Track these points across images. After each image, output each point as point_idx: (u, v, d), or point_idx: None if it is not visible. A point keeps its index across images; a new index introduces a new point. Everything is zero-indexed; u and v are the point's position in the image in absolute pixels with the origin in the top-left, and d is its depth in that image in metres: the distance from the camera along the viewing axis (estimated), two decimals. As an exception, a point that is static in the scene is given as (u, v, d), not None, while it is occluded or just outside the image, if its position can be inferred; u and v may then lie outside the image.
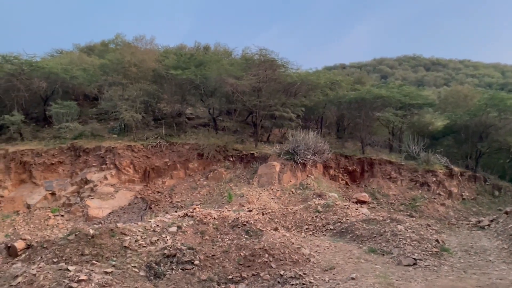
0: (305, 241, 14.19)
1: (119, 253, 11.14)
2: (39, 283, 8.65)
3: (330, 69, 76.47)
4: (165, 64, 27.60)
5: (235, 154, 24.79)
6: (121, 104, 24.94)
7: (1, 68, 25.44)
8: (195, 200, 21.17)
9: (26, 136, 25.71)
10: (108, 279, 8.93)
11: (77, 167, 23.73)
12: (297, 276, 10.03)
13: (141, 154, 24.34)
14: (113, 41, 41.18)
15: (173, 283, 9.68)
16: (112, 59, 29.40)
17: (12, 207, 21.07)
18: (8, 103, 26.06)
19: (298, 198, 20.49)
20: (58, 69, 27.12)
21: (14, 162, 23.24)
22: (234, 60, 30.47)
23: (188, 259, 10.60)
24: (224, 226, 13.37)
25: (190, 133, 26.96)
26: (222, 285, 9.78)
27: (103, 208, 20.70)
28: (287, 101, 26.81)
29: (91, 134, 25.46)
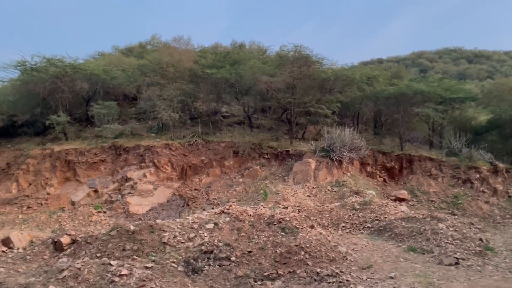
0: (342, 239, 14.02)
1: (158, 248, 11.45)
2: (83, 276, 9.04)
3: (366, 64, 74.92)
4: (201, 63, 28.02)
5: (270, 152, 24.83)
6: (159, 104, 25.57)
7: (47, 71, 26.68)
8: (231, 197, 21.38)
9: (70, 136, 26.88)
10: (148, 273, 9.21)
11: (118, 165, 24.55)
12: (334, 274, 9.94)
13: (179, 152, 24.85)
14: (150, 42, 42.26)
15: (211, 278, 9.85)
16: (151, 60, 30.17)
17: (58, 204, 22.09)
18: (53, 104, 27.31)
19: (334, 196, 20.25)
20: (99, 70, 28.14)
21: (60, 161, 24.37)
22: (268, 58, 30.47)
23: (225, 255, 10.74)
24: (260, 223, 13.44)
25: (225, 131, 27.24)
26: (258, 281, 9.84)
27: (142, 205, 21.31)
28: (322, 98, 26.53)
29: (131, 133, 26.29)
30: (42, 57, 27.40)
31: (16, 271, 11.38)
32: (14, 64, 27.17)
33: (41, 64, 27.29)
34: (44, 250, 12.91)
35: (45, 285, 8.65)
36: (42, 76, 26.31)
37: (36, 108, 27.54)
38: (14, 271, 11.43)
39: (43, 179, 23.68)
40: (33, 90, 26.72)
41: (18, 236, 14.29)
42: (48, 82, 26.42)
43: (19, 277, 10.37)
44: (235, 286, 9.53)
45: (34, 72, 26.87)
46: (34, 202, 22.01)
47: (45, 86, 26.48)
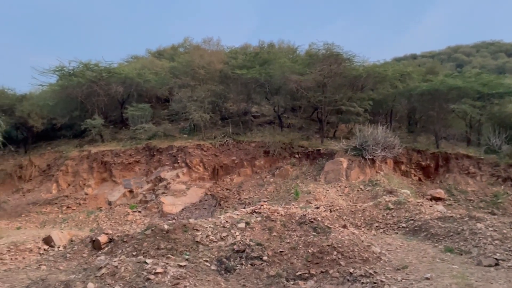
0: (376, 239, 13.76)
1: (192, 247, 11.63)
2: (120, 274, 9.32)
3: (399, 60, 73.06)
4: (231, 64, 28.25)
5: (301, 151, 24.72)
6: (190, 105, 25.99)
7: (83, 76, 27.69)
8: (262, 196, 21.44)
9: (106, 138, 27.76)
10: (182, 272, 9.38)
11: (152, 165, 25.14)
12: (368, 274, 9.78)
13: (210, 153, 25.16)
14: (182, 44, 42.97)
15: (243, 278, 9.92)
16: (182, 62, 30.71)
17: (96, 203, 22.86)
18: (89, 107, 28.32)
19: (367, 195, 19.92)
20: (133, 74, 28.93)
21: (96, 162, 25.23)
22: (298, 57, 30.34)
23: (257, 254, 10.79)
24: (291, 222, 13.40)
25: (256, 131, 27.35)
26: (291, 281, 9.82)
27: (176, 204, 21.71)
28: (353, 96, 26.16)
29: (164, 134, 26.85)
30: (79, 62, 28.51)
31: (57, 269, 11.88)
32: (53, 70, 28.41)
33: (78, 69, 28.37)
34: (83, 248, 13.39)
35: (84, 282, 8.97)
36: (79, 81, 27.33)
37: (74, 111, 28.64)
38: (55, 268, 11.94)
39: (81, 180, 24.58)
40: (71, 94, 27.79)
41: (58, 235, 14.87)
42: (85, 86, 27.41)
43: (60, 274, 10.82)
44: (268, 285, 9.55)
45: (72, 77, 27.98)
46: (73, 202, 22.87)
47: (82, 90, 27.49)
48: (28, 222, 20.79)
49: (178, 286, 8.71)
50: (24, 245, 14.06)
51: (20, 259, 13.07)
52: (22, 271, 11.80)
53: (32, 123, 27.65)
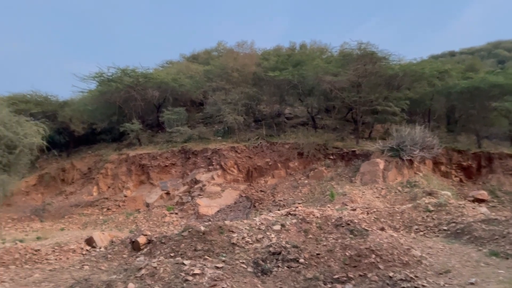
0: (415, 242, 13.35)
1: (228, 249, 11.70)
2: (159, 275, 9.50)
3: (437, 57, 70.63)
4: (264, 66, 28.30)
5: (335, 152, 24.41)
6: (224, 108, 26.24)
7: (121, 81, 28.56)
8: (297, 198, 21.32)
9: (143, 141, 28.50)
10: (219, 273, 9.44)
11: (187, 168, 25.56)
12: (408, 278, 9.50)
13: (244, 155, 25.29)
14: (216, 48, 43.47)
15: (280, 280, 9.87)
16: (216, 65, 31.07)
17: (134, 205, 23.48)
18: (127, 112, 29.17)
19: (406, 197, 19.38)
20: (168, 78, 29.56)
21: (134, 165, 25.93)
22: (332, 57, 30.01)
23: (293, 257, 10.71)
24: (327, 225, 13.23)
25: (289, 132, 27.25)
26: (328, 284, 9.69)
27: (211, 206, 21.95)
28: (389, 95, 25.57)
29: (199, 137, 27.27)
30: (117, 68, 29.42)
31: (99, 269, 12.27)
32: (92, 76, 29.45)
33: (116, 75, 29.30)
34: (123, 249, 13.76)
35: (125, 283, 9.21)
36: (117, 86, 28.21)
37: (113, 116, 29.59)
38: (97, 268, 12.33)
39: (120, 182, 25.33)
40: (109, 99, 28.73)
41: (100, 236, 15.37)
42: (123, 91, 28.26)
43: (101, 275, 11.16)
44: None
45: (110, 82, 28.92)
46: (113, 204, 23.60)
47: (120, 95, 28.36)
48: (71, 223, 21.62)
49: (216, 287, 8.77)
50: (67, 246, 14.63)
51: (64, 259, 13.60)
52: (66, 270, 12.26)
53: (73, 128, 28.79)
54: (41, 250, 13.84)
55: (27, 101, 28.60)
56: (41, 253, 13.64)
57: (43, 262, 13.14)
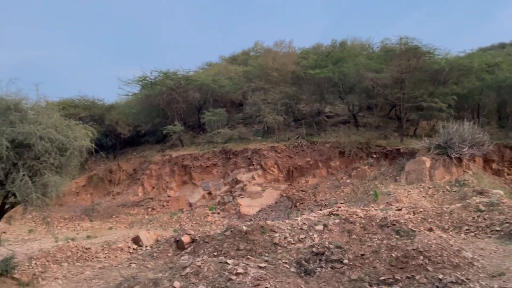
0: (466, 243, 12.74)
1: (270, 249, 11.69)
2: (203, 274, 9.63)
3: (485, 50, 67.15)
4: (303, 65, 28.08)
5: (378, 151, 23.79)
6: (264, 108, 26.28)
7: (164, 84, 29.34)
8: (339, 198, 20.97)
9: (185, 143, 29.11)
10: (262, 273, 9.44)
11: (228, 168, 25.82)
12: (459, 281, 9.07)
13: (284, 154, 25.21)
14: (253, 49, 43.66)
15: (324, 281, 9.73)
16: (256, 66, 31.19)
17: (178, 205, 24.01)
18: (170, 114, 29.92)
19: (454, 196, 18.56)
20: (208, 80, 30.04)
21: (177, 166, 26.54)
22: (373, 53, 29.29)
23: (337, 257, 10.52)
24: (371, 225, 12.91)
25: (330, 131, 26.85)
26: (374, 286, 9.43)
27: (252, 206, 22.04)
28: (435, 91, 24.58)
29: (239, 138, 27.49)
30: (160, 71, 30.22)
31: (146, 267, 12.64)
32: (136, 80, 30.44)
33: (159, 78, 30.12)
34: (168, 248, 14.10)
35: (171, 281, 9.41)
36: (160, 89, 29.02)
37: (156, 118, 30.46)
38: (144, 267, 12.71)
39: (164, 183, 26.00)
40: (153, 102, 29.58)
41: (146, 235, 15.84)
42: (165, 94, 29.02)
43: (148, 273, 11.48)
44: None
45: (153, 85, 29.76)
46: (157, 204, 24.25)
47: (163, 98, 29.13)
48: (118, 222, 22.43)
49: (259, 287, 8.77)
50: (115, 244, 15.17)
51: (112, 258, 14.12)
52: (115, 268, 12.72)
53: (120, 131, 29.87)
54: (91, 249, 14.44)
55: (76, 106, 29.99)
56: (91, 251, 14.23)
57: (93, 260, 13.70)
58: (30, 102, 11.14)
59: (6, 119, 10.11)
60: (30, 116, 10.78)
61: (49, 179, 10.29)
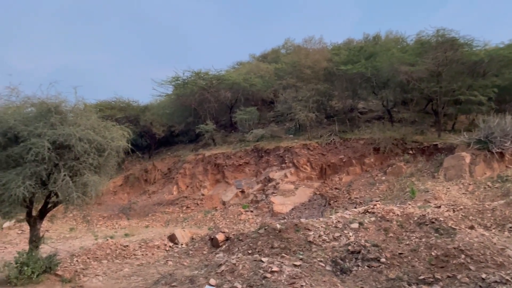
0: (510, 241, 12.18)
1: (305, 247, 11.60)
2: (238, 271, 9.68)
3: (527, 39, 63.79)
4: (335, 61, 27.68)
5: (415, 147, 23.12)
6: (295, 105, 26.12)
7: (196, 84, 29.74)
8: (374, 196, 20.55)
9: (218, 142, 29.40)
10: (297, 271, 9.39)
11: (261, 166, 25.85)
12: (504, 280, 8.69)
13: (317, 152, 24.96)
14: (283, 46, 43.44)
15: (360, 279, 9.56)
16: (287, 63, 31.04)
17: (211, 204, 24.26)
18: (202, 114, 30.30)
19: (497, 193, 17.78)
20: (239, 79, 30.18)
21: (210, 165, 26.83)
22: (407, 47, 28.50)
23: (374, 256, 10.32)
24: (409, 223, 12.58)
25: (364, 127, 26.35)
26: (413, 285, 9.18)
27: (285, 204, 21.96)
28: (474, 83, 23.61)
29: (271, 136, 27.46)
30: (192, 71, 30.65)
31: (182, 264, 12.84)
32: (169, 80, 31.00)
33: (191, 78, 30.54)
34: (203, 246, 14.27)
35: (206, 278, 9.52)
36: (192, 89, 29.45)
37: (189, 118, 30.92)
38: (180, 264, 12.92)
39: (197, 182, 26.35)
40: (185, 102, 30.06)
41: (181, 233, 16.10)
42: (197, 94, 29.43)
43: (184, 270, 11.67)
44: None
45: (185, 86, 30.22)
46: (192, 202, 24.60)
47: (195, 98, 29.55)
48: (154, 221, 22.93)
49: (295, 285, 8.73)
50: (152, 242, 15.50)
51: (150, 255, 14.44)
52: (152, 266, 13.01)
53: (154, 131, 30.52)
54: (129, 246, 14.82)
55: (112, 107, 30.84)
56: (129, 249, 14.61)
57: (131, 257, 14.05)
58: (69, 105, 11.55)
59: (47, 122, 10.50)
60: (70, 118, 11.16)
61: (89, 178, 10.64)
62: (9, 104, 11.06)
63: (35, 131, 10.19)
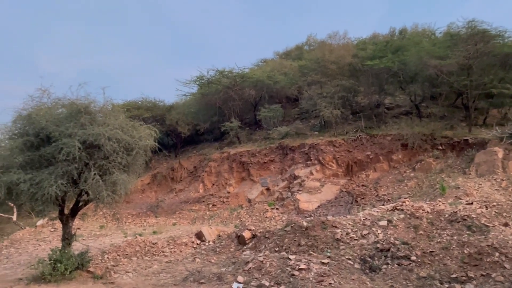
0: (548, 239, 11.72)
1: (332, 245, 11.50)
2: (266, 269, 9.69)
3: None
4: (360, 56, 27.25)
5: (444, 142, 22.51)
6: (320, 102, 25.87)
7: (220, 83, 29.90)
8: (403, 193, 20.12)
9: (242, 139, 29.49)
10: (325, 269, 9.32)
11: (286, 164, 25.76)
12: (542, 281, 8.36)
13: (343, 149, 24.67)
14: (306, 42, 43.10)
15: (390, 278, 9.38)
16: (311, 59, 30.77)
17: (237, 201, 24.37)
18: (226, 112, 30.45)
19: (532, 189, 17.10)
20: (263, 76, 30.15)
21: (235, 163, 26.95)
22: (436, 40, 27.73)
23: (404, 254, 10.11)
24: (440, 220, 12.27)
25: (391, 123, 25.81)
26: (445, 283, 8.94)
27: (311, 201, 21.80)
28: (506, 76, 22.80)
29: (295, 133, 27.33)
30: (216, 70, 30.83)
31: (209, 261, 12.94)
32: (194, 80, 31.30)
33: (215, 77, 30.72)
34: (230, 243, 14.34)
35: (234, 275, 9.57)
36: (216, 88, 29.63)
37: (214, 116, 31.14)
38: (208, 261, 13.02)
39: (223, 180, 26.52)
40: (210, 101, 30.28)
41: (208, 230, 16.23)
42: (222, 92, 29.59)
43: (212, 267, 11.76)
44: (419, 287, 8.86)
45: (210, 84, 30.42)
46: (217, 200, 24.79)
47: (219, 96, 29.72)
48: (181, 218, 23.24)
49: (323, 283, 8.66)
50: (180, 240, 15.71)
51: (178, 252, 14.63)
52: (180, 262, 13.17)
53: (180, 130, 30.88)
54: (158, 244, 15.06)
55: (139, 107, 31.40)
56: (158, 246, 14.85)
57: (160, 255, 14.28)
58: (98, 105, 11.80)
59: (77, 122, 10.77)
60: (99, 118, 11.41)
61: (118, 177, 10.86)
62: (40, 106, 11.38)
63: (66, 131, 10.47)
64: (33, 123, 10.84)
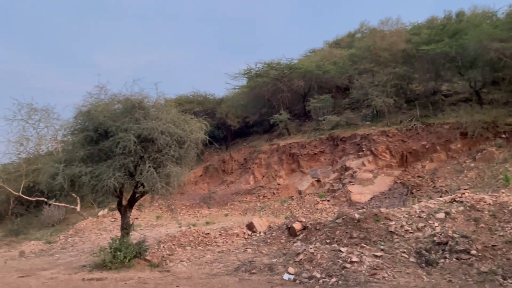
0: None
1: (386, 237, 11.19)
2: (317, 261, 9.63)
3: None
4: (415, 41, 26.02)
5: (508, 130, 21.05)
6: (372, 91, 25.10)
7: (268, 75, 29.90)
8: (462, 184, 19.12)
9: (292, 131, 29.37)
10: (378, 262, 9.10)
11: (336, 155, 25.33)
12: None
13: (396, 139, 23.83)
14: (359, 30, 41.84)
15: (448, 272, 8.97)
16: (362, 47, 29.87)
17: (287, 193, 24.37)
18: (275, 104, 30.44)
19: None
20: (312, 67, 29.74)
21: (285, 154, 26.93)
22: (498, 21, 25.88)
23: (463, 248, 9.62)
24: (503, 213, 11.53)
25: (448, 111, 24.48)
26: (508, 279, 8.41)
27: (364, 193, 21.33)
28: None
29: (346, 123, 26.76)
30: (264, 63, 30.85)
31: (260, 252, 13.09)
32: (242, 73, 31.53)
33: (263, 69, 30.77)
34: (281, 234, 14.40)
35: (285, 266, 9.61)
36: (264, 80, 29.65)
37: (262, 108, 31.25)
38: (259, 252, 13.17)
39: (273, 171, 26.62)
40: (258, 93, 30.39)
41: (259, 221, 16.40)
42: (270, 84, 29.58)
43: (263, 258, 11.88)
44: (479, 282, 8.40)
45: (258, 77, 30.51)
46: (268, 191, 24.94)
47: (268, 89, 29.74)
48: (232, 210, 23.65)
49: (376, 276, 8.47)
50: (232, 230, 16.01)
51: (229, 243, 14.92)
52: (232, 253, 13.43)
53: (230, 123, 31.34)
54: (210, 234, 15.46)
55: (190, 101, 32.20)
56: (211, 237, 15.23)
57: (212, 245, 14.65)
58: (151, 100, 12.26)
59: (132, 117, 11.26)
60: (152, 113, 11.86)
61: (171, 169, 11.26)
62: (98, 102, 12.01)
63: (122, 126, 10.98)
64: (92, 118, 11.47)
